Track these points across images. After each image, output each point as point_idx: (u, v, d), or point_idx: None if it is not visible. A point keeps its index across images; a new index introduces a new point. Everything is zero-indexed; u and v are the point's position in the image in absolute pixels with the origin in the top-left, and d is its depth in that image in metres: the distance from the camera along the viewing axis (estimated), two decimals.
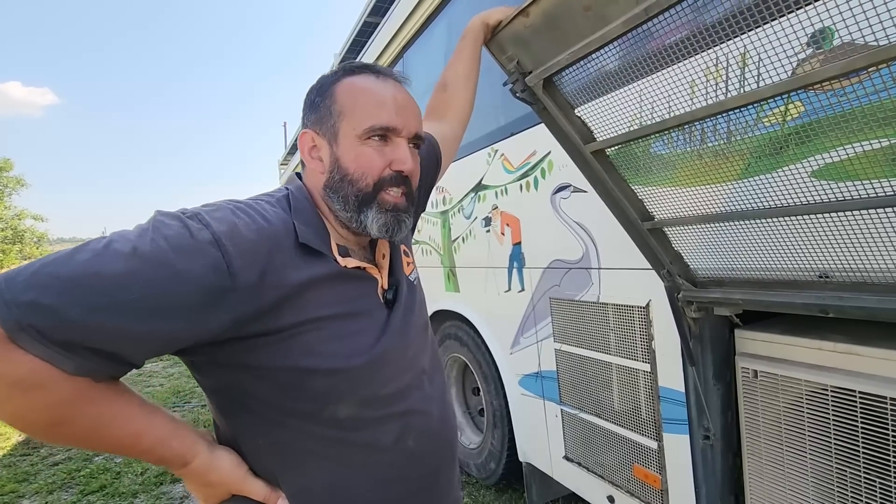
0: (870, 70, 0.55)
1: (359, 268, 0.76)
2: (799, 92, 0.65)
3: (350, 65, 0.78)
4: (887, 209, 0.69)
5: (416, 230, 1.11)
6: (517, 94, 1.01)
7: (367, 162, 0.73)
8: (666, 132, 0.88)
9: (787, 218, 0.83)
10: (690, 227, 1.00)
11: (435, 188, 1.12)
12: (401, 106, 0.75)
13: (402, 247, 0.90)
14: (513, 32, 0.95)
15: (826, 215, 0.77)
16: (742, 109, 0.73)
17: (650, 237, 1.10)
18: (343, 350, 0.70)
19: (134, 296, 0.56)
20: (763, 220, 0.88)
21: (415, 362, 0.82)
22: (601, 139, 0.98)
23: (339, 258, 0.74)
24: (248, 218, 0.66)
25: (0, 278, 0.55)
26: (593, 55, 0.83)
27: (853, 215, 0.74)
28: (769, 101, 0.69)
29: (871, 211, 0.71)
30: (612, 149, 0.99)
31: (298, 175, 0.83)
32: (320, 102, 0.76)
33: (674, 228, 1.05)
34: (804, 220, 0.81)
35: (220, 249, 0.61)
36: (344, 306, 0.72)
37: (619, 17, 0.73)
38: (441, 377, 0.90)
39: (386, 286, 0.81)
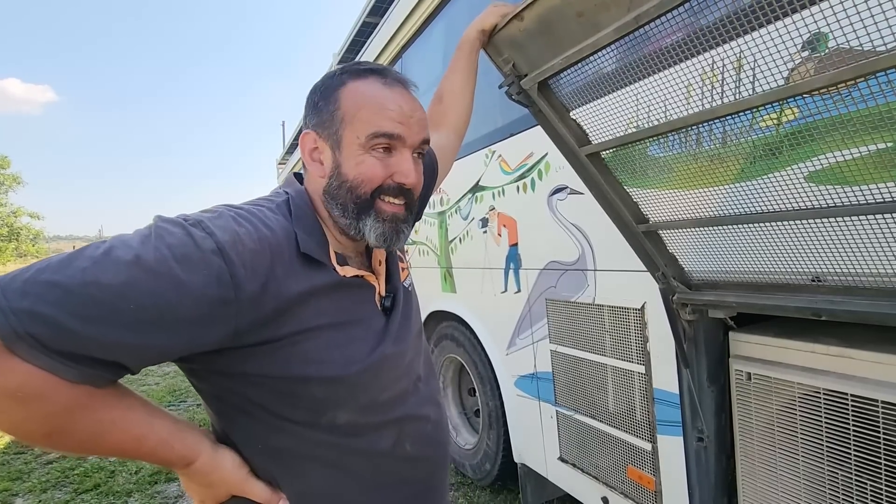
0: (857, 80, 0.56)
1: (357, 276, 0.75)
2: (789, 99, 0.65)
3: (356, 66, 0.75)
4: (877, 215, 0.70)
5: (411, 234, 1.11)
6: (513, 97, 1.02)
7: (368, 171, 0.71)
8: (660, 136, 0.88)
9: (780, 222, 0.84)
10: (685, 230, 1.01)
11: None
12: (406, 115, 0.73)
13: (398, 252, 0.90)
14: (508, 36, 0.96)
15: (819, 220, 0.78)
16: (735, 116, 0.74)
17: (645, 240, 1.10)
18: (341, 358, 0.70)
19: (133, 307, 0.54)
20: (757, 224, 0.88)
21: (411, 368, 0.82)
22: (596, 142, 0.99)
23: (337, 267, 0.73)
24: (250, 226, 0.65)
25: None
26: (586, 60, 0.83)
27: (845, 221, 0.75)
28: (760, 108, 0.70)
29: (863, 217, 0.72)
30: (607, 152, 0.99)
31: (297, 175, 0.81)
32: (323, 106, 0.74)
33: (668, 231, 1.06)
34: (797, 224, 0.82)
35: (223, 259, 0.59)
36: (342, 315, 0.72)
37: (610, 25, 0.73)
38: (435, 381, 0.90)
39: (383, 293, 0.80)
